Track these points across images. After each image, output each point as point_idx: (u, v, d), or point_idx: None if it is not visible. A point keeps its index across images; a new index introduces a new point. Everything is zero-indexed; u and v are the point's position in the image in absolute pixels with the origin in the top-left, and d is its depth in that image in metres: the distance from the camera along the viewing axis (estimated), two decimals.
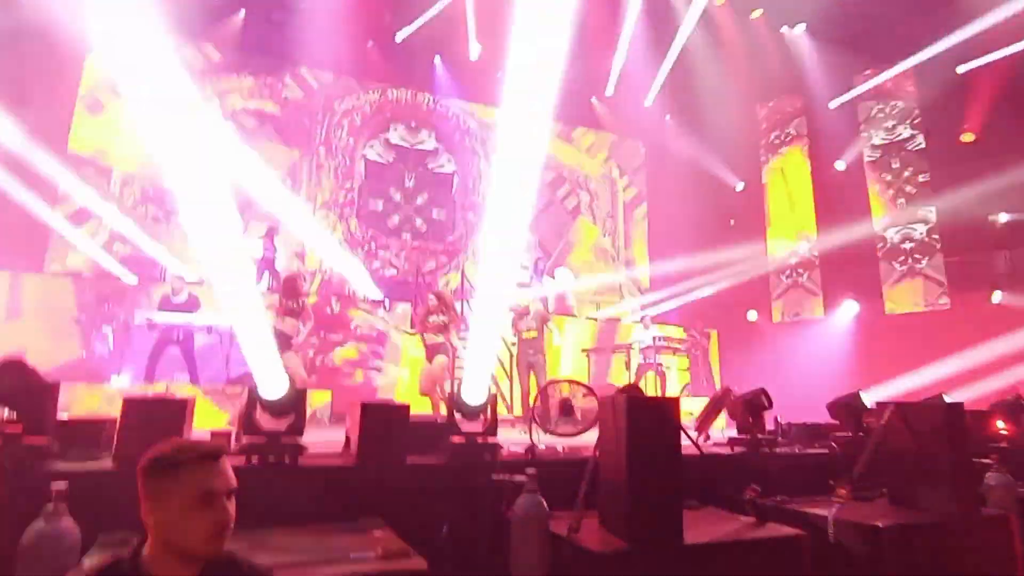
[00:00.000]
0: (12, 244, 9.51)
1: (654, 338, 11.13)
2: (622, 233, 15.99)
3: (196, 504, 1.66)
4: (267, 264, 11.81)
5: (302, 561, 2.59)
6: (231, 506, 1.72)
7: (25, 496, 2.63)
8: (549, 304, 14.05)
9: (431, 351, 7.55)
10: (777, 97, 14.12)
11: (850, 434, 5.39)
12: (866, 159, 12.61)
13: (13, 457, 3.13)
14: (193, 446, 1.78)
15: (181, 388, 8.15)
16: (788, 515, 3.74)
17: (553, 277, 14.69)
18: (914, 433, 4.03)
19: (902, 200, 11.96)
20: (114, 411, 3.60)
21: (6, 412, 3.34)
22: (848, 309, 12.16)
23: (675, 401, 3.26)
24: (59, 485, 2.52)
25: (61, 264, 10.77)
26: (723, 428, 8.25)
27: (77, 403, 8.02)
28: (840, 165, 12.88)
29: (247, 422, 3.77)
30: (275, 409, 3.76)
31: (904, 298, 11.68)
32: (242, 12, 12.45)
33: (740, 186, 14.43)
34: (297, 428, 3.74)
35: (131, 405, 3.55)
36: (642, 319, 11.98)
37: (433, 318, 7.59)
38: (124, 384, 8.79)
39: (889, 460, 4.15)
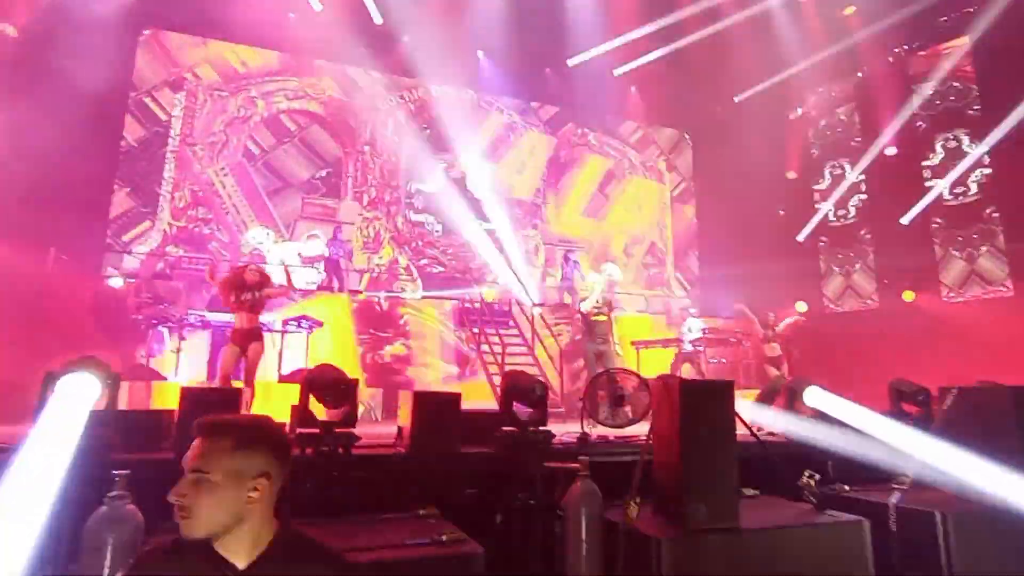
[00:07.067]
0: (73, 250, 9.76)
1: (703, 330, 10.97)
2: (669, 226, 15.79)
3: None
4: (332, 264, 12.07)
5: (358, 548, 2.61)
6: (186, 486, 1.65)
7: (90, 484, 2.69)
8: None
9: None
10: (826, 82, 13.64)
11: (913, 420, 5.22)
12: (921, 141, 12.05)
13: (79, 446, 3.19)
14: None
15: (236, 384, 8.32)
16: (848, 502, 3.65)
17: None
18: (980, 418, 3.88)
19: (961, 188, 11.43)
20: (173, 406, 3.71)
21: None
22: (904, 296, 11.70)
23: (730, 384, 3.20)
24: (122, 473, 2.62)
25: (118, 268, 11.07)
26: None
27: (138, 401, 8.28)
28: (891, 150, 12.39)
29: (301, 414, 3.83)
30: (328, 400, 3.82)
31: (964, 284, 11.19)
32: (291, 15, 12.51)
33: (792, 174, 14.05)
34: (350, 419, 3.79)
35: (189, 395, 3.71)
36: (690, 312, 11.83)
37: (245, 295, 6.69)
38: (182, 381, 9.03)
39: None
